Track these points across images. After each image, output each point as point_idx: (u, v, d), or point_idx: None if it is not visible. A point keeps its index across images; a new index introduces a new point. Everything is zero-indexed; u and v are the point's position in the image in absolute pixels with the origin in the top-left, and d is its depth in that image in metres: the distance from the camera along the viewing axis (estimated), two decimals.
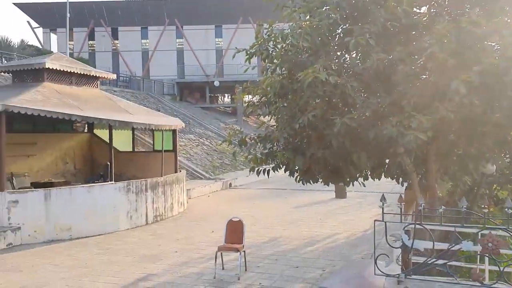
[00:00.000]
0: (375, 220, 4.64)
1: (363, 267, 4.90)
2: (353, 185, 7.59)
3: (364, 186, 7.70)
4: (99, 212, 12.50)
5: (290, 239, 11.34)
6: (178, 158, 18.27)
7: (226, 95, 51.64)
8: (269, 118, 7.49)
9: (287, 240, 11.25)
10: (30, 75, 14.70)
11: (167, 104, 34.56)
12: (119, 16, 42.67)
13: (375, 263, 4.37)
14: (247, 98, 8.85)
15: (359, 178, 7.38)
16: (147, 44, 44.23)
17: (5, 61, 27.42)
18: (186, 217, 14.95)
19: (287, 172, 7.25)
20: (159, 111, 26.79)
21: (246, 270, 8.63)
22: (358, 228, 12.66)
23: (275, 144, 7.03)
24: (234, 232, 8.56)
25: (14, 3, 43.23)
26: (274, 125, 7.31)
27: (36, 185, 13.91)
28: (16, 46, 36.31)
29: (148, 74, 42.43)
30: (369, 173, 7.36)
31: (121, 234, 12.37)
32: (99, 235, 12.19)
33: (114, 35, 44.14)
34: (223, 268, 8.68)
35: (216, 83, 39.84)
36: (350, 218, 14.06)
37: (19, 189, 12.97)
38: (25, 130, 15.53)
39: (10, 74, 15.84)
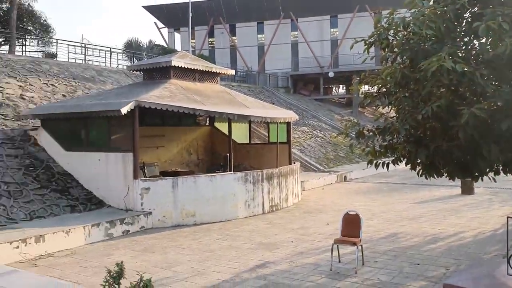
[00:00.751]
0: (507, 217, 4.29)
1: (493, 266, 4.55)
2: (482, 180, 7.03)
3: (495, 181, 7.10)
4: (219, 200, 13.22)
5: (410, 236, 10.89)
6: (292, 150, 18.53)
7: (340, 86, 50.91)
8: (389, 109, 7.25)
9: (407, 237, 10.82)
10: (158, 73, 15.93)
11: (281, 97, 35.14)
12: (236, 12, 44.27)
13: (508, 262, 4.05)
14: (364, 88, 8.65)
15: (489, 173, 6.82)
16: (262, 39, 45.29)
17: (136, 61, 30.12)
18: (300, 208, 15.13)
19: (408, 166, 6.96)
20: (273, 104, 27.37)
21: (363, 264, 8.51)
22: (486, 226, 11.72)
23: (395, 136, 6.78)
24: (351, 225, 8.47)
25: (143, 6, 47.20)
26: (394, 116, 7.06)
27: (164, 174, 15.09)
28: (145, 46, 39.67)
29: (263, 68, 43.47)
30: (501, 167, 6.77)
31: (239, 222, 12.95)
32: (220, 221, 12.90)
33: (232, 31, 45.95)
34: (339, 261, 8.66)
35: (331, 74, 39.42)
36: (477, 216, 13.06)
37: (150, 177, 14.20)
38: (154, 124, 16.93)
39: (141, 72, 17.36)
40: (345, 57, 40.35)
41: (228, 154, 14.78)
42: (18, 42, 26.42)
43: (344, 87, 48.75)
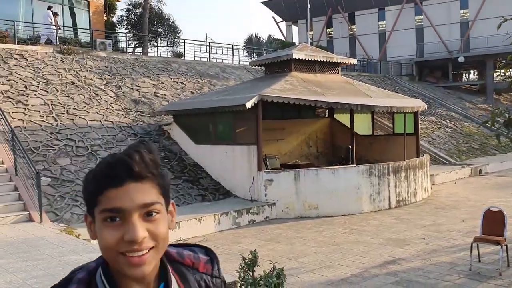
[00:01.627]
0: None
1: None
2: None
3: None
4: (342, 193, 12.96)
5: None
6: (420, 141, 17.47)
7: (471, 71, 46.82)
8: None
9: None
10: (279, 66, 16.07)
11: (404, 85, 33.40)
12: (355, 1, 43.03)
13: None
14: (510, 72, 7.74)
15: None
16: (383, 26, 43.43)
17: (256, 56, 30.82)
18: (431, 203, 14.21)
19: None
20: (396, 92, 26.07)
21: (508, 265, 7.69)
22: None
23: None
24: (493, 223, 7.69)
25: (261, 2, 48.16)
26: None
27: (284, 166, 15.23)
28: (264, 41, 40.45)
29: (384, 56, 41.69)
30: None
31: (364, 216, 12.57)
32: (343, 215, 12.65)
33: (351, 20, 44.75)
34: (479, 261, 7.94)
35: (461, 59, 36.29)
36: None
37: (272, 169, 14.45)
38: (275, 117, 17.17)
39: (262, 67, 17.70)
40: (477, 40, 36.95)
41: (350, 147, 14.42)
42: (150, 44, 28.68)
43: (476, 73, 44.69)
